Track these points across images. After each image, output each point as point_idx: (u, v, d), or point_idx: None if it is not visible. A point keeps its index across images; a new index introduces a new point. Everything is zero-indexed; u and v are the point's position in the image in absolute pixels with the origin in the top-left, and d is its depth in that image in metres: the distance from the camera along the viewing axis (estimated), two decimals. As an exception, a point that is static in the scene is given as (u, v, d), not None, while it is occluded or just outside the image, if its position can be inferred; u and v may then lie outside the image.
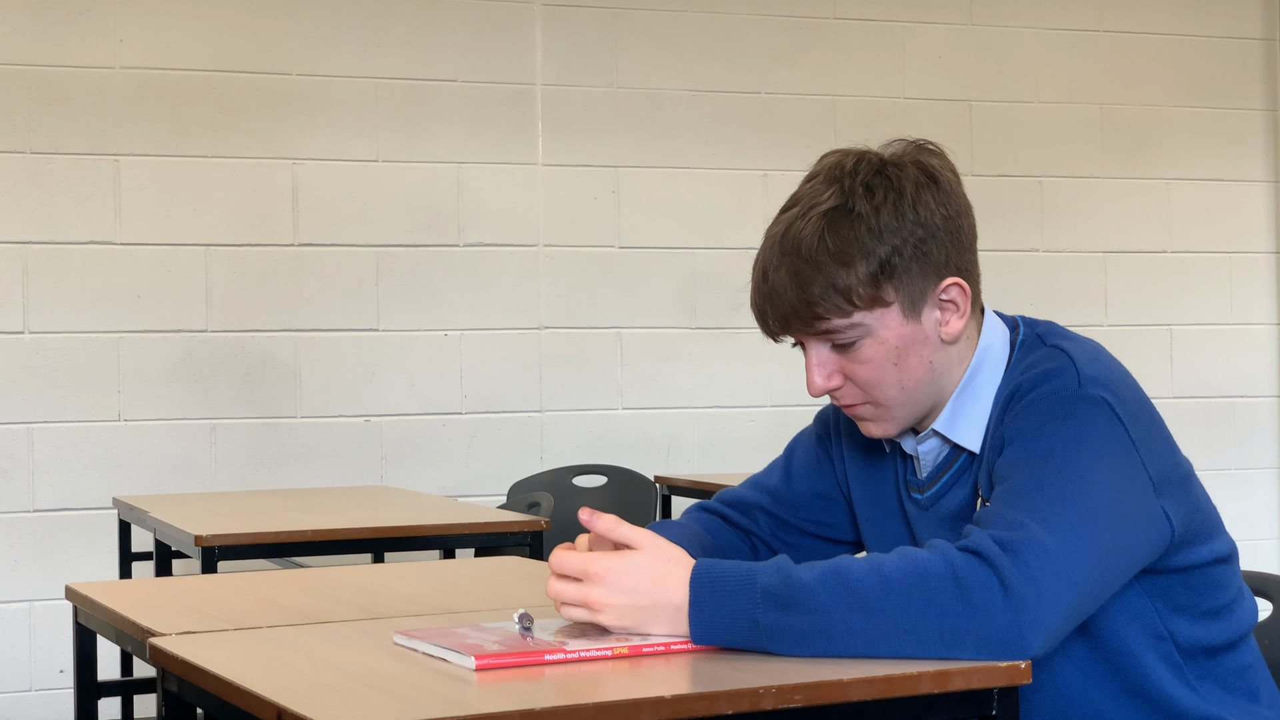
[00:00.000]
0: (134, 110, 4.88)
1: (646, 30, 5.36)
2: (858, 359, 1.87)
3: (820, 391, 1.90)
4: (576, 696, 1.55)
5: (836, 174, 1.88)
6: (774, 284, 1.87)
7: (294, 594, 2.29)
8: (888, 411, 1.91)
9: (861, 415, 1.93)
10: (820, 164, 1.92)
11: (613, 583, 1.72)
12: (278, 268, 5.00)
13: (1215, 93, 5.96)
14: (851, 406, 1.93)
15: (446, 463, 5.15)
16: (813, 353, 1.89)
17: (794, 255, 1.85)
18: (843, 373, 1.89)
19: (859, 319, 1.85)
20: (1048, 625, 1.66)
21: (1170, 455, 1.86)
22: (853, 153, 1.91)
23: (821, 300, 1.84)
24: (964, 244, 1.90)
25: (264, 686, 1.60)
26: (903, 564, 1.69)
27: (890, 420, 1.92)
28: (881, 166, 1.88)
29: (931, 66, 5.64)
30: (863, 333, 1.86)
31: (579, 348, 5.28)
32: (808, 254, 1.84)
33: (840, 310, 1.84)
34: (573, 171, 5.28)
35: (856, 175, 1.86)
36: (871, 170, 1.87)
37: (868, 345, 1.87)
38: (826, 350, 1.89)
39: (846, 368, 1.89)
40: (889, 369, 1.87)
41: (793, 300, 1.85)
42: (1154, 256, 5.88)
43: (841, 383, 1.90)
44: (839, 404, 1.94)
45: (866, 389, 1.89)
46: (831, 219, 1.84)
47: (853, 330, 1.86)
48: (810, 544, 2.12)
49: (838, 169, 1.88)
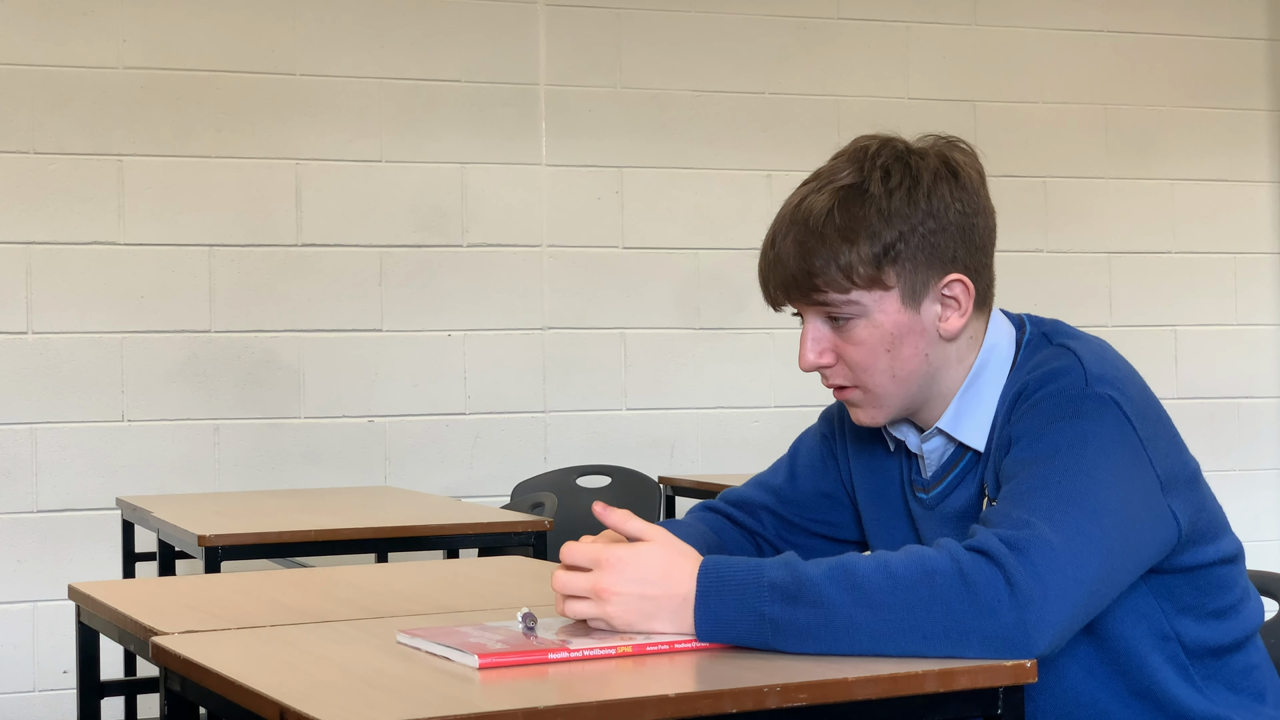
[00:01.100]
0: (137, 110, 4.88)
1: (650, 31, 5.35)
2: (851, 339, 1.88)
3: (810, 366, 1.91)
4: (580, 695, 1.54)
5: (859, 155, 1.89)
6: (779, 251, 1.89)
7: (297, 593, 2.29)
8: (876, 399, 1.91)
9: (851, 400, 1.94)
10: (848, 146, 1.93)
11: (622, 571, 1.72)
12: (281, 268, 5.00)
13: (1220, 93, 5.96)
14: (841, 389, 1.93)
15: (450, 463, 5.15)
16: (809, 327, 1.90)
17: (801, 226, 1.87)
18: (835, 351, 1.90)
19: (856, 297, 1.86)
20: (1054, 624, 1.66)
21: (1178, 454, 1.86)
22: (880, 138, 1.92)
23: (821, 273, 1.85)
24: (976, 243, 1.90)
25: (267, 685, 1.60)
26: (909, 561, 1.68)
27: (878, 408, 1.92)
28: (904, 153, 1.89)
29: (936, 67, 5.64)
30: (858, 311, 1.86)
31: (583, 348, 5.28)
32: (815, 226, 1.85)
33: (838, 285, 1.85)
34: (577, 172, 5.28)
35: (878, 158, 1.88)
36: (893, 155, 1.89)
37: (862, 326, 1.87)
38: (823, 325, 1.89)
39: (840, 346, 1.89)
40: (881, 354, 1.88)
41: (794, 269, 1.86)
42: (1158, 257, 5.87)
43: (833, 361, 1.90)
44: (828, 384, 1.94)
45: (857, 371, 1.89)
46: (844, 196, 1.86)
47: (848, 307, 1.86)
48: (815, 544, 2.12)
49: (862, 151, 1.90)
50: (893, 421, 1.97)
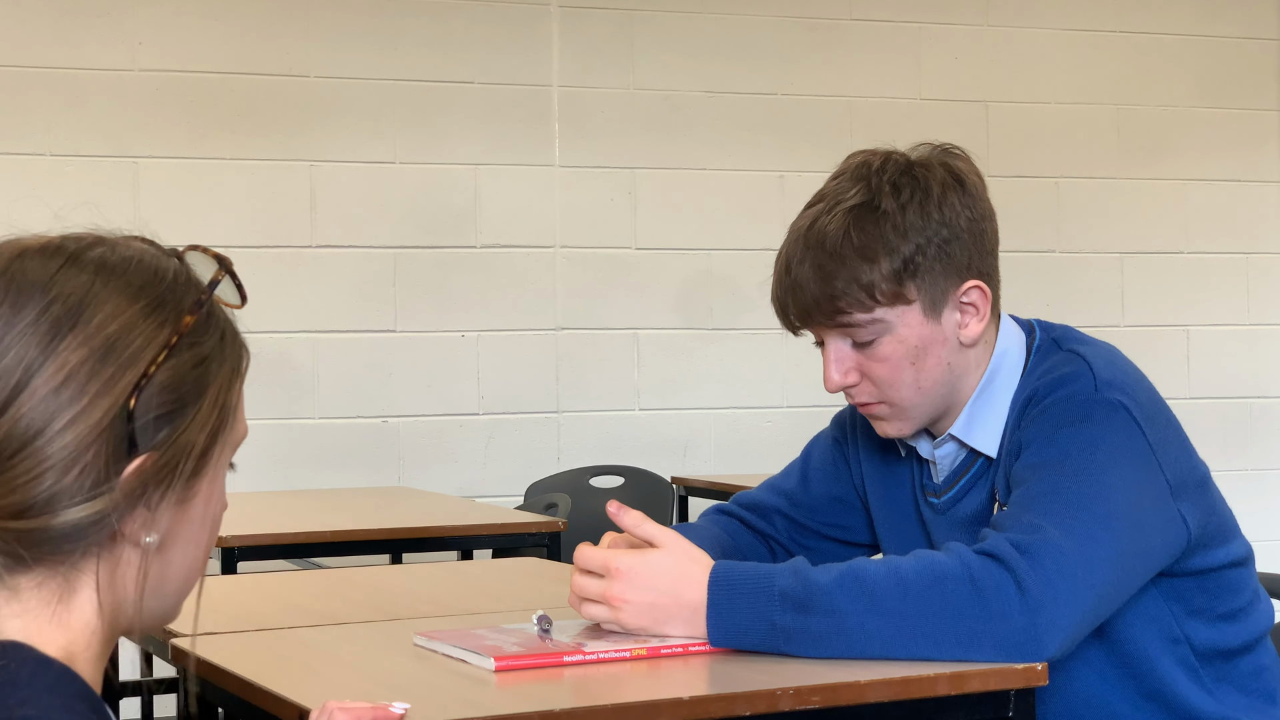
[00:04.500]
0: (152, 112, 4.90)
1: (663, 32, 5.37)
2: (876, 356, 1.88)
3: (836, 388, 1.91)
4: (595, 698, 1.56)
5: (863, 172, 1.89)
6: (796, 277, 1.87)
7: (314, 595, 2.30)
8: (903, 411, 1.91)
9: (877, 414, 1.94)
10: (846, 163, 1.93)
11: (633, 580, 1.73)
12: (295, 269, 5.02)
13: (1232, 93, 5.96)
14: (867, 405, 1.93)
15: (463, 463, 5.16)
16: (831, 348, 1.90)
17: (818, 249, 1.86)
18: (860, 370, 1.90)
19: (880, 314, 1.86)
20: (1064, 628, 1.67)
21: (1187, 459, 1.87)
22: (879, 153, 1.92)
23: (844, 294, 1.84)
24: (986, 248, 1.91)
25: (286, 687, 1.62)
26: (919, 566, 1.69)
27: (905, 420, 1.93)
28: (909, 167, 1.89)
29: (948, 67, 5.64)
30: (883, 329, 1.86)
31: (595, 349, 5.29)
32: (832, 248, 1.85)
33: (862, 305, 1.85)
34: (589, 173, 5.29)
35: (884, 173, 1.88)
36: (899, 170, 1.88)
37: (887, 343, 1.87)
38: (845, 346, 1.89)
39: (864, 365, 1.89)
40: (906, 368, 1.88)
41: (815, 294, 1.86)
42: (1170, 257, 5.87)
43: (858, 380, 1.90)
44: (854, 402, 1.94)
45: (883, 387, 1.90)
46: (857, 215, 1.85)
47: (874, 326, 1.86)
48: (827, 547, 2.12)
49: (864, 167, 1.89)
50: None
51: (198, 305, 1.11)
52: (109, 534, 1.05)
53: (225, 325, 1.14)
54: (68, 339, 1.04)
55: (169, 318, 1.08)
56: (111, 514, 1.04)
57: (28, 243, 1.10)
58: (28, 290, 1.05)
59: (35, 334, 1.04)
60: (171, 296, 1.09)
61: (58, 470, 1.02)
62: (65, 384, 1.03)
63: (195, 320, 1.09)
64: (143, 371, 1.05)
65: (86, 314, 1.05)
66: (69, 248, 1.09)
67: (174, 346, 1.07)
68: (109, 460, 1.04)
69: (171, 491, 1.07)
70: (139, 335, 1.06)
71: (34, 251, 1.09)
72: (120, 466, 1.04)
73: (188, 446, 1.08)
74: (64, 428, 1.02)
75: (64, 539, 1.04)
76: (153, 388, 1.05)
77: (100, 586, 1.06)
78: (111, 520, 1.04)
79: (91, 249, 1.10)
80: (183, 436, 1.07)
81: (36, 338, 1.03)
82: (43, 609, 1.05)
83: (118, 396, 1.04)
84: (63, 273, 1.07)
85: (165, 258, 1.12)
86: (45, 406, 1.02)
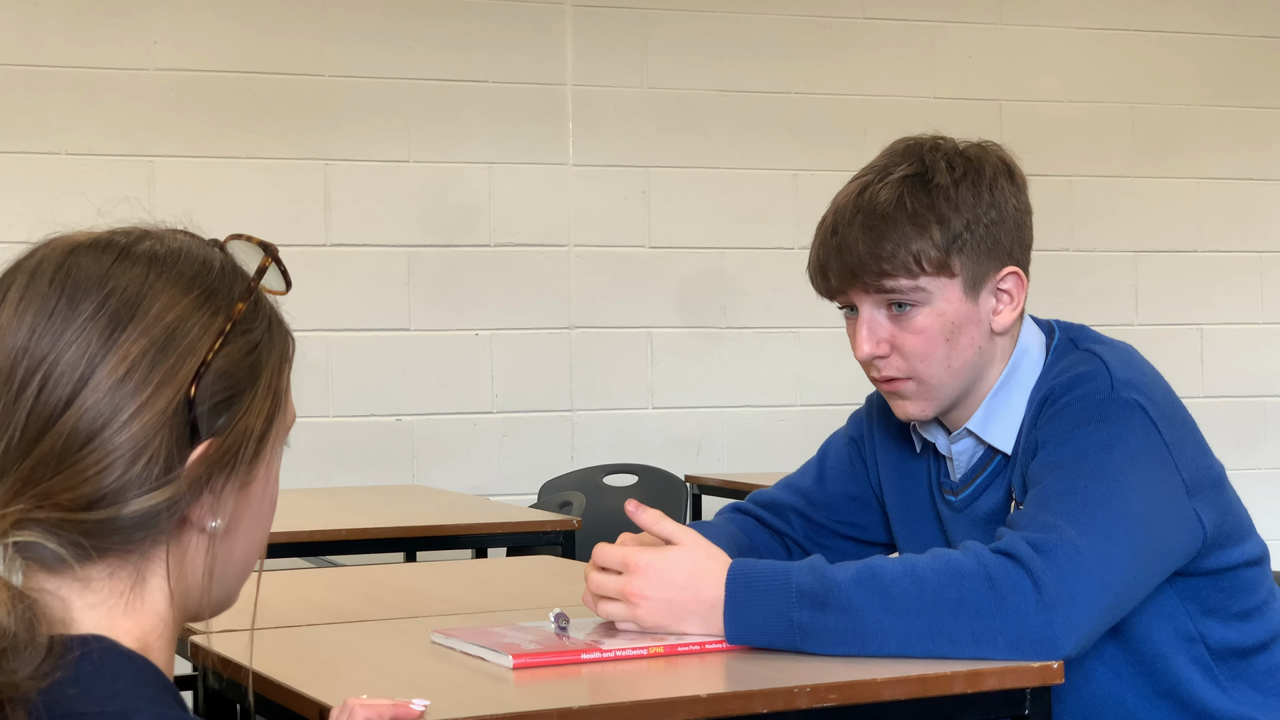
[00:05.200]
0: (168, 112, 4.91)
1: (677, 30, 5.37)
2: (912, 328, 1.88)
3: (867, 356, 1.90)
4: (613, 695, 1.56)
5: (916, 150, 1.92)
6: (844, 238, 1.88)
7: (331, 593, 2.31)
8: (929, 390, 1.91)
9: (901, 392, 1.92)
10: (891, 148, 1.95)
11: (651, 576, 1.74)
12: (310, 268, 5.03)
13: (1246, 92, 5.95)
14: (893, 380, 1.92)
15: (477, 462, 5.17)
16: (865, 316, 1.90)
17: (869, 212, 1.87)
18: (891, 342, 1.89)
19: (924, 283, 1.86)
20: (1080, 626, 1.67)
21: (1203, 458, 1.87)
22: (927, 137, 1.94)
23: (892, 257, 1.85)
24: (1025, 241, 1.94)
25: (306, 685, 1.62)
26: (936, 564, 1.70)
27: (928, 400, 1.92)
28: (961, 149, 1.92)
29: (961, 66, 5.64)
30: (923, 298, 1.87)
31: (609, 347, 5.30)
32: (884, 212, 1.86)
33: (908, 271, 1.86)
34: (603, 171, 5.30)
35: (937, 151, 1.91)
36: (952, 150, 1.92)
37: (925, 314, 1.87)
38: (881, 316, 1.89)
39: (897, 337, 1.89)
40: (940, 343, 1.88)
41: (862, 254, 1.86)
42: (1184, 256, 5.87)
43: (889, 352, 1.90)
44: (880, 376, 1.93)
45: (913, 361, 1.89)
46: (911, 185, 1.88)
47: (915, 294, 1.87)
48: (844, 546, 2.13)
49: (916, 147, 1.93)
50: (926, 420, 1.97)
51: (248, 292, 1.12)
52: (177, 521, 1.07)
53: (271, 312, 1.16)
54: (127, 331, 1.05)
55: (221, 306, 1.10)
56: (179, 501, 1.06)
57: (77, 239, 1.11)
58: (84, 285, 1.07)
59: (95, 328, 1.05)
60: (222, 285, 1.11)
61: (125, 460, 1.04)
62: (128, 375, 1.05)
63: (245, 307, 1.11)
64: (202, 359, 1.07)
65: (144, 306, 1.06)
66: (119, 242, 1.11)
67: (228, 334, 1.09)
68: (174, 448, 1.05)
69: (235, 476, 1.09)
70: (195, 324, 1.08)
71: (85, 247, 1.10)
72: (185, 454, 1.06)
73: (247, 431, 1.10)
74: (130, 418, 1.04)
75: (134, 528, 1.05)
76: (211, 375, 1.07)
77: (170, 574, 1.08)
78: (180, 507, 1.06)
79: (140, 242, 1.11)
80: (241, 422, 1.09)
81: (97, 331, 1.05)
82: (116, 599, 1.07)
83: (179, 385, 1.06)
84: (116, 266, 1.08)
85: (209, 249, 1.14)
86: (110, 398, 1.04)
